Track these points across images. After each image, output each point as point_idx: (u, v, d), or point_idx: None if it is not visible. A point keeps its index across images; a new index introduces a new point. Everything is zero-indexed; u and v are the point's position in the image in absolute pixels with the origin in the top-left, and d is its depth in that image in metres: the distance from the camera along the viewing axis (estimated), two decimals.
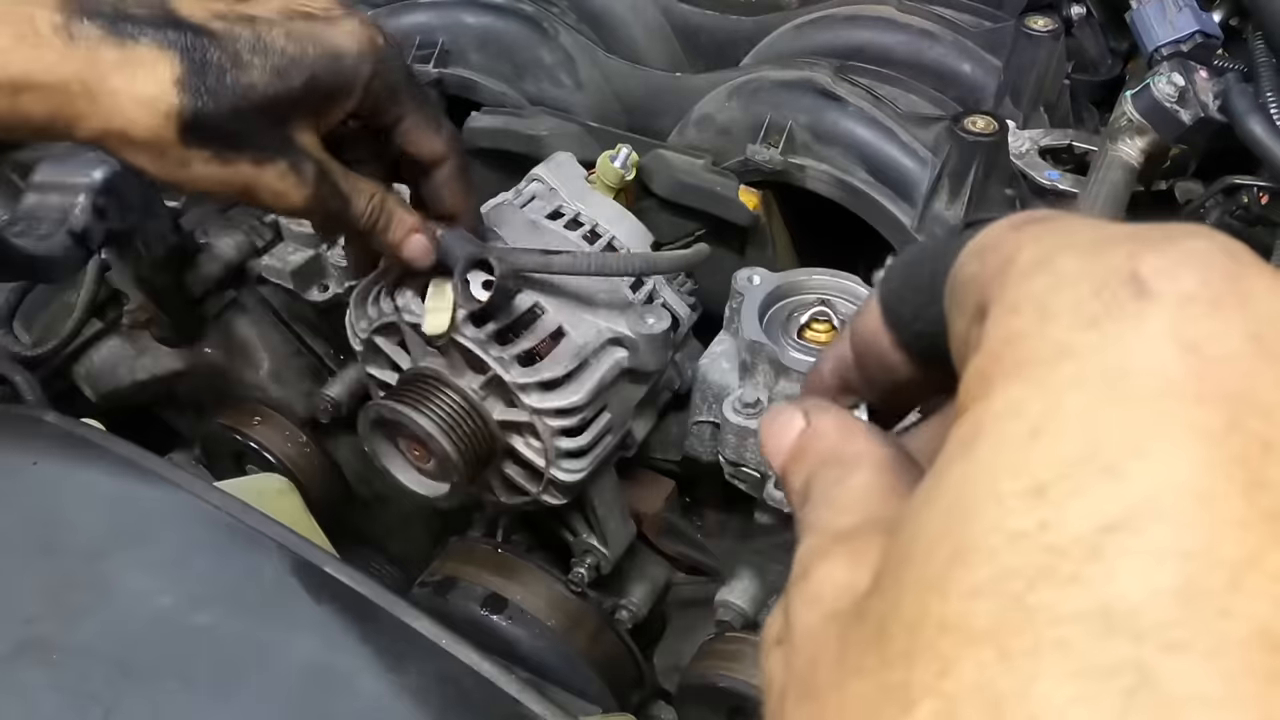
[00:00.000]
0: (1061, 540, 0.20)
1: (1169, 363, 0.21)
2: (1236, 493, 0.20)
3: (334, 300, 0.97)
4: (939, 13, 0.95)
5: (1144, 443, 0.20)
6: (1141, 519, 0.20)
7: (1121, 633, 0.19)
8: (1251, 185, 0.89)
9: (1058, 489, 0.20)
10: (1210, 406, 0.20)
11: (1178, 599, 0.19)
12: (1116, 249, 0.22)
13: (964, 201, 0.79)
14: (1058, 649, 0.19)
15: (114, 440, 0.70)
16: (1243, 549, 0.19)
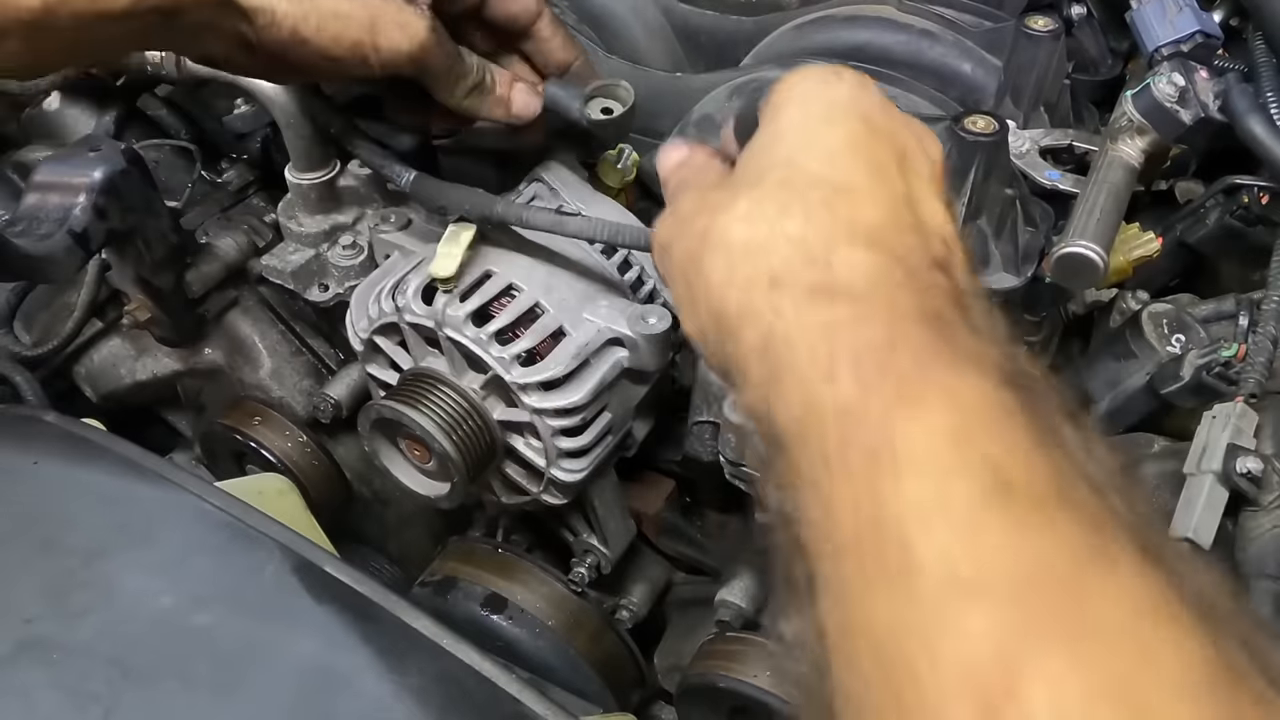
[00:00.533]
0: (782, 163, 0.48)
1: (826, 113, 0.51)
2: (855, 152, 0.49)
3: (334, 300, 0.97)
4: (939, 13, 0.95)
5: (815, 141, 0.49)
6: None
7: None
8: (1252, 185, 0.89)
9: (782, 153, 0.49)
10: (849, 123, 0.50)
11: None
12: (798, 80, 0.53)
13: (964, 201, 0.79)
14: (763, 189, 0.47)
15: (114, 440, 0.70)
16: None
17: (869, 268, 0.41)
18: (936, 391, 0.36)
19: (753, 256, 0.44)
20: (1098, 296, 1.00)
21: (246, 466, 1.06)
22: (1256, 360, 0.75)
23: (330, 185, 0.95)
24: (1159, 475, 0.76)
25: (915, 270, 0.42)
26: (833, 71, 0.52)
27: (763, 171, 0.47)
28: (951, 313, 0.41)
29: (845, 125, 0.49)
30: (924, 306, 0.40)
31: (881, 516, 0.34)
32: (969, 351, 0.38)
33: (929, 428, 0.35)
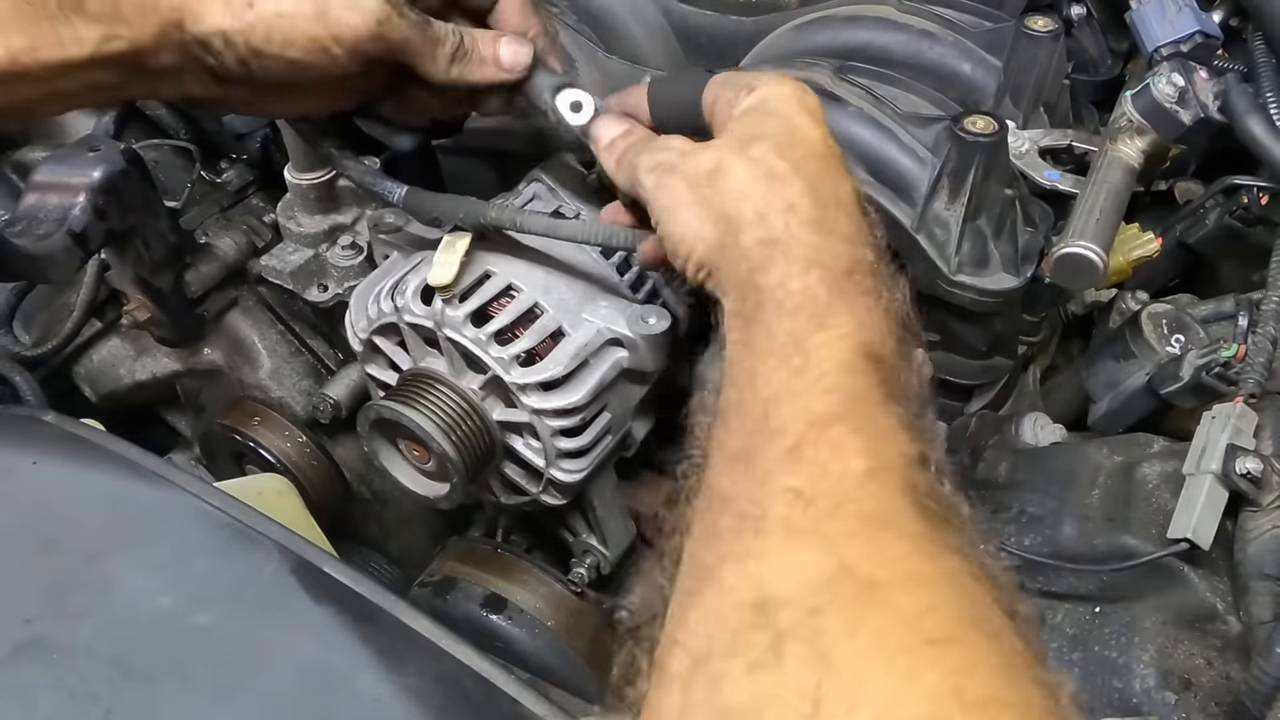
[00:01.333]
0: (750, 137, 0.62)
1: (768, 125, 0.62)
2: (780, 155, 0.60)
3: (334, 300, 0.97)
4: (939, 13, 0.95)
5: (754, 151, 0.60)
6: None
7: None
8: (1251, 185, 0.90)
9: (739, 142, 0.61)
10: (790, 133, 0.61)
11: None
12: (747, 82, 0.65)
13: (964, 201, 0.79)
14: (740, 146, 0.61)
15: (114, 440, 0.70)
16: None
17: (848, 230, 0.58)
18: (848, 316, 0.52)
19: (773, 184, 0.58)
20: (1097, 297, 1.00)
21: (246, 467, 1.06)
22: (1256, 360, 0.75)
23: (329, 185, 0.95)
24: (1158, 476, 0.76)
25: (870, 246, 0.58)
26: (801, 84, 0.65)
27: (765, 132, 0.61)
28: (879, 285, 0.57)
29: (820, 128, 0.62)
30: (867, 269, 0.56)
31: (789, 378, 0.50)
32: (877, 308, 0.54)
33: (831, 338, 0.51)
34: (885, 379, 0.50)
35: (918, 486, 0.45)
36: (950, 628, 0.38)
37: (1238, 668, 0.67)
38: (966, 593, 0.41)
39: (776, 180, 0.58)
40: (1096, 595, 0.73)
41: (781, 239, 0.56)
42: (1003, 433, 0.85)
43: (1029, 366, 0.99)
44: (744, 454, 0.47)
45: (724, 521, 0.44)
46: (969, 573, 0.42)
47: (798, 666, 0.37)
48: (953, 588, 0.40)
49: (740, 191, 0.58)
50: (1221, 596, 0.70)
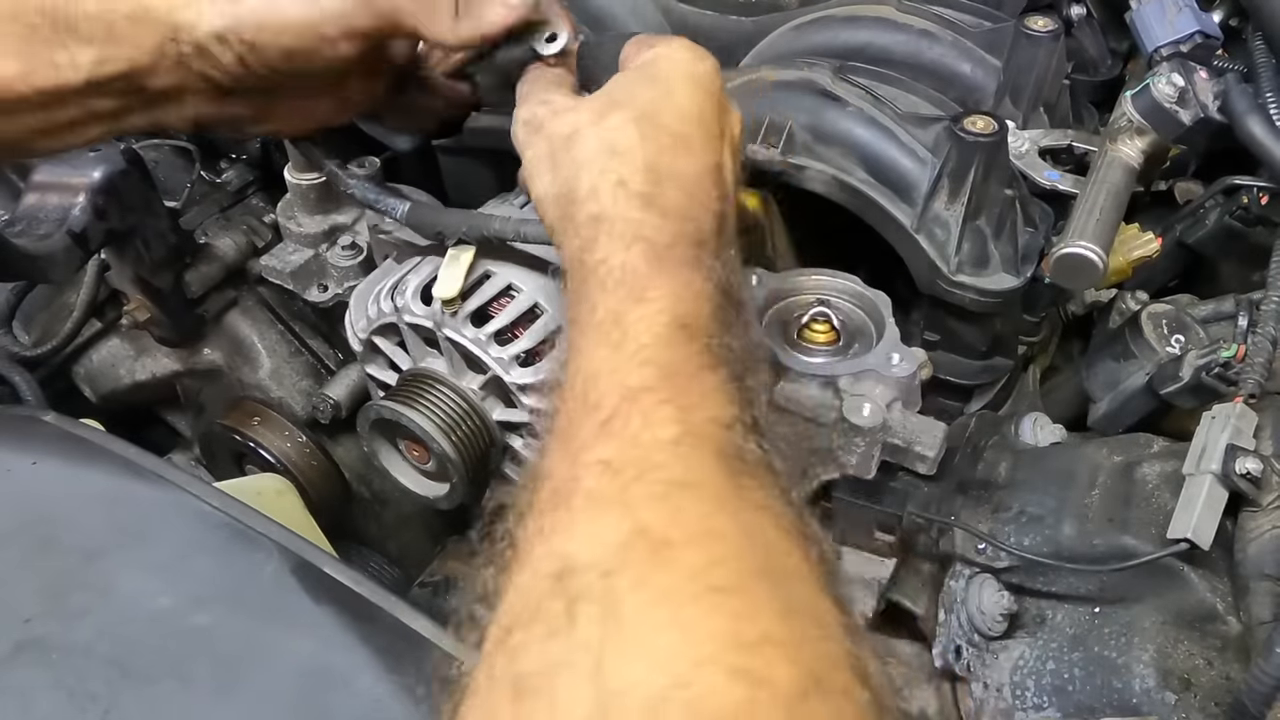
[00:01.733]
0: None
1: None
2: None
3: (334, 300, 0.97)
4: (939, 13, 0.95)
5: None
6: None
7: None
8: (1251, 185, 0.89)
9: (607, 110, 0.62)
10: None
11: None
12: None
13: (963, 202, 0.79)
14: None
15: (113, 440, 0.70)
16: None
17: (678, 205, 0.59)
18: (666, 289, 0.54)
19: (613, 158, 0.59)
20: (1097, 297, 1.00)
21: (245, 467, 1.06)
22: (1256, 361, 0.75)
23: (329, 186, 0.95)
24: (1158, 476, 0.76)
25: (702, 219, 0.59)
26: (701, 51, 0.66)
27: (633, 99, 0.62)
28: (703, 256, 0.58)
29: (700, 96, 0.63)
30: (691, 241, 0.58)
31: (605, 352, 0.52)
32: (696, 278, 0.56)
33: (649, 312, 0.52)
34: (703, 347, 0.51)
35: (726, 449, 0.46)
36: (735, 578, 0.40)
37: (1237, 668, 0.67)
38: (761, 544, 0.42)
39: (617, 154, 0.59)
40: (1096, 595, 0.72)
41: (608, 215, 0.57)
42: (1002, 433, 0.85)
43: (1029, 366, 0.99)
44: (563, 431, 0.49)
45: (541, 498, 0.46)
46: (771, 524, 0.44)
47: (587, 626, 0.38)
48: (746, 540, 0.42)
49: (583, 162, 0.60)
50: (1221, 597, 0.70)
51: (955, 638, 0.74)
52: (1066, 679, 0.70)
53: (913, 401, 0.74)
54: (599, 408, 0.47)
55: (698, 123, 0.62)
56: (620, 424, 0.46)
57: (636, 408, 0.47)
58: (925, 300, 0.85)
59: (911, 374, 0.73)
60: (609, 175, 0.59)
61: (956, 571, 0.75)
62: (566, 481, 0.45)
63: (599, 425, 0.47)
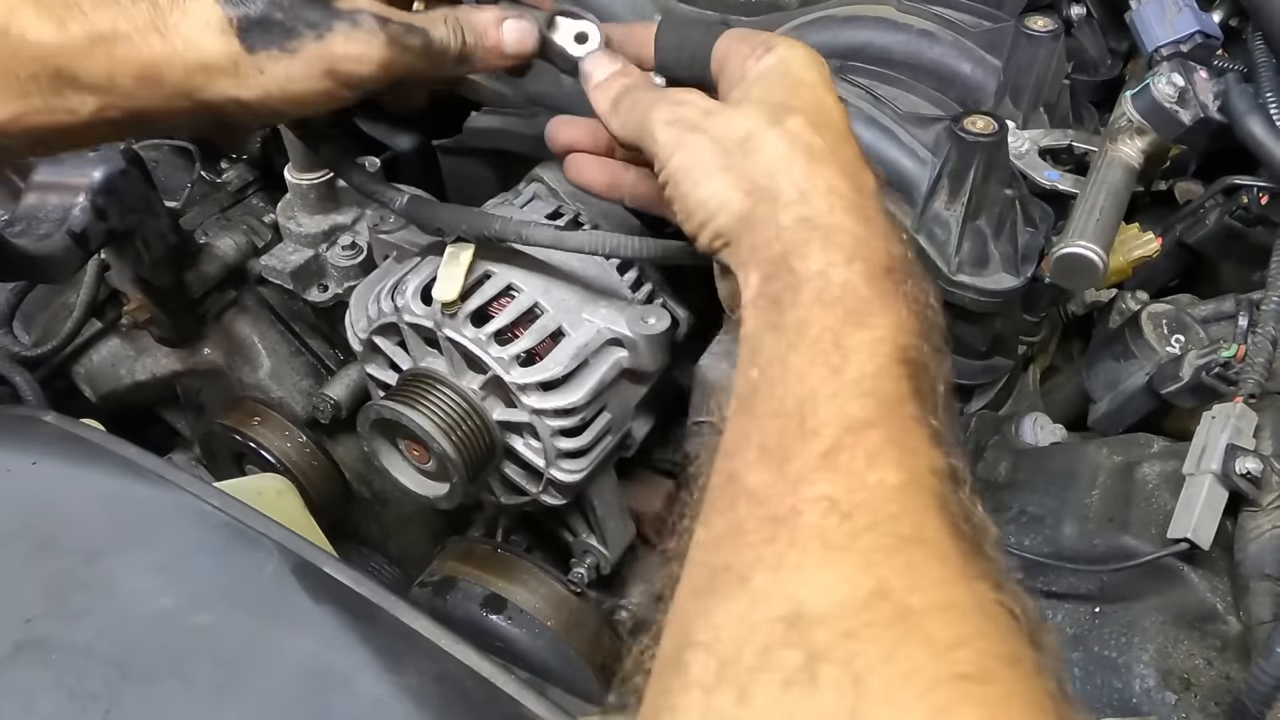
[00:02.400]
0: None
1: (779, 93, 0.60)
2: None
3: (334, 300, 0.97)
4: (938, 13, 0.95)
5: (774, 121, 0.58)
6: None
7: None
8: (1251, 185, 0.90)
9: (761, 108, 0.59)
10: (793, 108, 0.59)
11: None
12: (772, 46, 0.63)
13: (963, 202, 0.79)
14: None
15: (114, 440, 0.70)
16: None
17: (883, 221, 0.56)
18: (888, 317, 0.51)
19: (813, 162, 0.56)
20: (1097, 297, 1.00)
21: (246, 467, 1.06)
22: (1256, 360, 0.75)
23: (329, 186, 0.95)
24: (1158, 475, 0.76)
25: (897, 243, 0.56)
26: (813, 52, 0.63)
27: (794, 107, 0.59)
28: (912, 282, 0.55)
29: (840, 108, 0.61)
30: (899, 266, 0.55)
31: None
32: (912, 311, 0.53)
33: (870, 339, 0.49)
34: (919, 388, 0.49)
35: (950, 505, 0.44)
36: (984, 662, 0.38)
37: (1237, 668, 0.67)
38: (998, 624, 0.40)
39: (816, 159, 0.56)
40: (1096, 595, 0.73)
41: (823, 222, 0.54)
42: (1003, 433, 0.85)
43: (1029, 366, 0.99)
44: (775, 451, 0.46)
45: (752, 522, 0.43)
46: (999, 601, 0.41)
47: (832, 690, 0.37)
48: (986, 618, 0.40)
49: (778, 164, 0.56)
50: (1221, 596, 0.70)
51: None
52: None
53: None
54: (818, 435, 0.45)
55: (851, 135, 0.61)
56: (846, 459, 0.44)
57: (861, 443, 0.44)
58: None
59: None
60: (817, 181, 0.55)
61: None
62: (787, 512, 0.43)
63: (820, 455, 0.44)
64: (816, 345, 0.49)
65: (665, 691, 0.41)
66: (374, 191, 0.78)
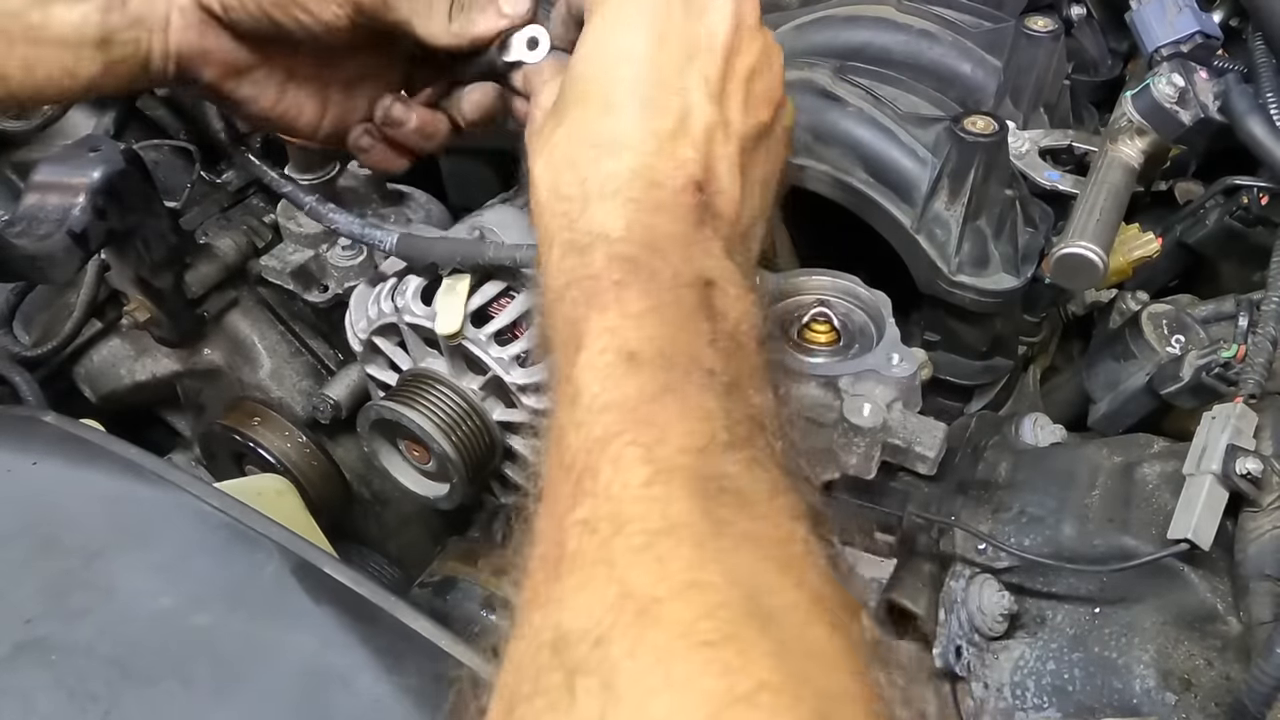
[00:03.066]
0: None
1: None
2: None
3: (334, 300, 0.97)
4: (939, 13, 0.95)
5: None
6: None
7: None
8: (1251, 186, 0.89)
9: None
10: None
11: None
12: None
13: (964, 202, 0.79)
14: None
15: (114, 441, 0.70)
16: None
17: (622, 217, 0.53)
18: (602, 333, 0.49)
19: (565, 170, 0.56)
20: (1097, 297, 1.00)
21: (245, 467, 1.06)
22: (1256, 361, 0.75)
23: (329, 185, 0.95)
24: (1158, 476, 0.76)
25: (664, 192, 0.55)
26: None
27: (569, 101, 0.58)
28: (692, 232, 0.55)
29: (638, 49, 0.58)
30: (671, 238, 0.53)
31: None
32: (628, 297, 0.51)
33: (588, 358, 0.48)
34: (654, 373, 0.48)
35: (702, 479, 0.44)
36: (726, 627, 0.38)
37: (1238, 668, 0.67)
38: (747, 584, 0.40)
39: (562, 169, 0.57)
40: (1096, 596, 0.72)
41: (544, 230, 0.56)
42: (1002, 433, 0.85)
43: (1029, 367, 0.99)
44: (548, 495, 0.47)
45: (532, 564, 0.45)
46: (756, 558, 0.42)
47: (586, 699, 0.37)
48: (732, 584, 0.40)
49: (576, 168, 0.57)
50: (1222, 597, 0.70)
51: (955, 638, 0.74)
52: (1067, 679, 0.70)
53: (913, 402, 0.74)
54: (571, 467, 0.46)
55: (630, 93, 0.57)
56: (590, 480, 0.44)
57: (605, 457, 0.45)
58: (925, 301, 0.85)
59: (912, 374, 0.73)
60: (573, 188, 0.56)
61: (956, 572, 0.75)
62: (553, 547, 0.44)
63: (574, 485, 0.45)
64: (557, 388, 0.50)
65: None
66: (360, 235, 0.78)
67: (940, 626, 0.74)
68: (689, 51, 0.58)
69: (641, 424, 0.45)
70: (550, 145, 0.57)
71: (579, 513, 0.44)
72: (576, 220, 0.54)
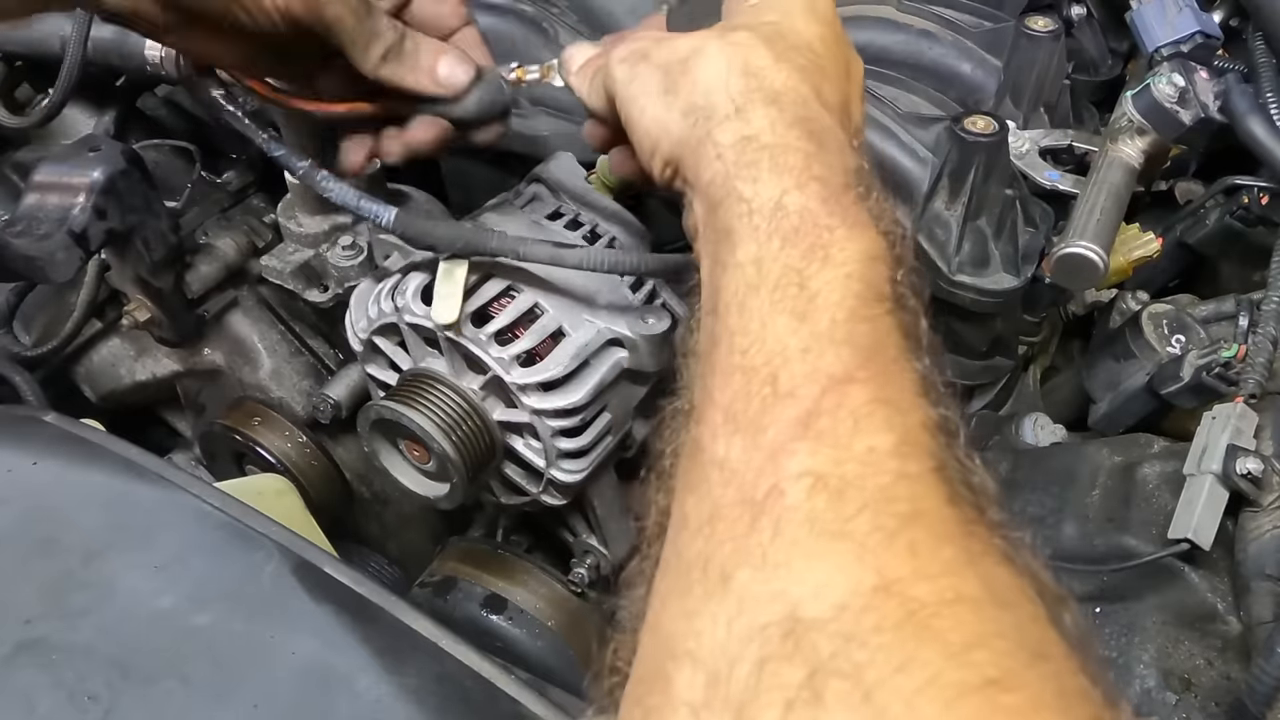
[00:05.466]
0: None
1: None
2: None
3: (334, 300, 0.97)
4: (939, 13, 0.95)
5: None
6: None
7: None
8: (1252, 185, 0.89)
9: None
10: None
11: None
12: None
13: (964, 202, 0.79)
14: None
15: (114, 440, 0.70)
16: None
17: (837, 139, 0.52)
18: (855, 246, 0.46)
19: (750, 76, 0.53)
20: (1098, 297, 1.00)
21: (246, 467, 1.06)
22: (1256, 361, 0.75)
23: None
24: (1159, 475, 0.76)
25: (857, 159, 0.52)
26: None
27: (750, 25, 0.56)
28: (876, 200, 0.51)
29: (822, 26, 0.58)
30: (858, 184, 0.50)
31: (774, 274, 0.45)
32: (880, 233, 0.48)
33: (839, 276, 0.44)
34: (900, 323, 0.43)
35: (947, 468, 0.39)
36: (1006, 662, 0.33)
37: (1238, 668, 0.67)
38: (1015, 613, 0.35)
39: (754, 71, 0.53)
40: (1097, 595, 0.73)
41: (765, 140, 0.50)
42: (1003, 433, 0.85)
43: (1029, 367, 0.99)
44: (745, 417, 0.40)
45: (728, 504, 0.38)
46: (1012, 582, 0.36)
47: (841, 709, 0.32)
48: (1000, 608, 0.35)
49: (714, 80, 0.53)
50: (1222, 596, 0.70)
51: None
52: None
53: None
54: (793, 396, 0.40)
55: (826, 50, 0.56)
56: (827, 423, 0.39)
57: (844, 404, 0.39)
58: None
59: None
60: (755, 94, 0.51)
61: None
62: (767, 492, 0.38)
63: (798, 422, 0.39)
64: (779, 288, 0.44)
65: (648, 707, 0.37)
66: (357, 208, 0.75)
67: None
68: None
69: (884, 381, 0.40)
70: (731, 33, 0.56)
71: (808, 461, 0.38)
72: (818, 119, 0.52)
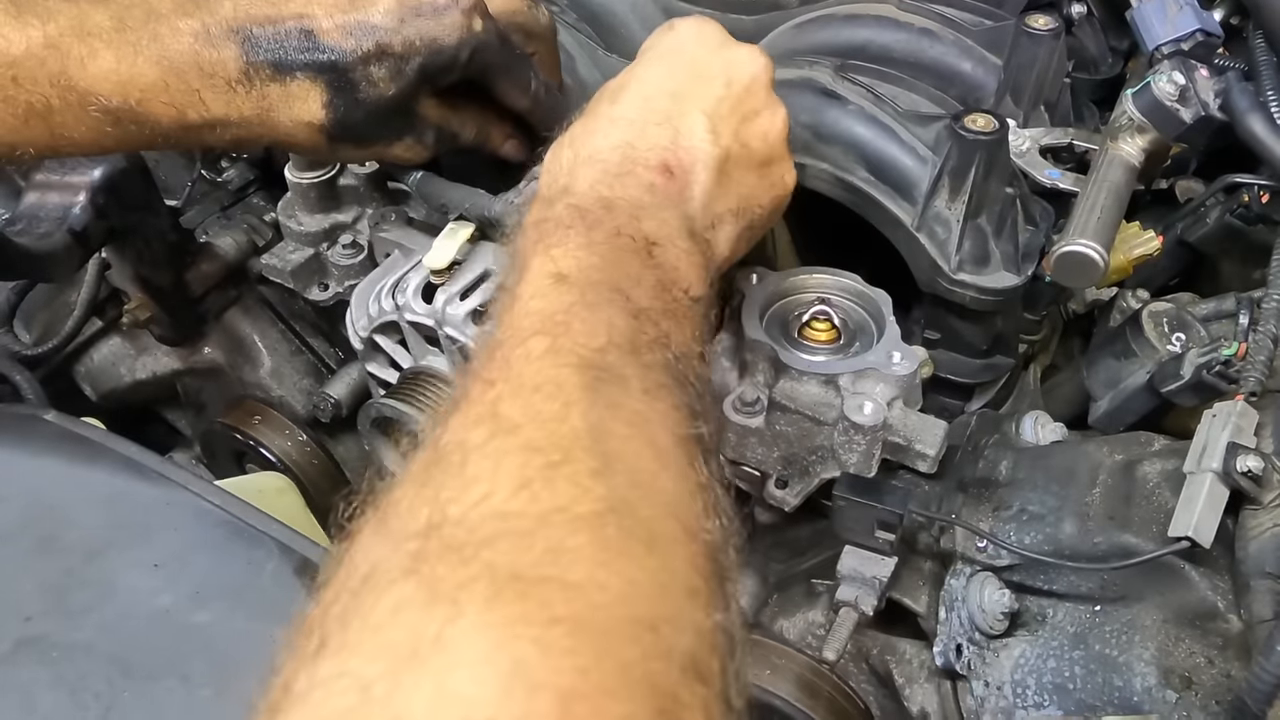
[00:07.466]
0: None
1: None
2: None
3: (334, 299, 0.97)
4: (939, 11, 0.95)
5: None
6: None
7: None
8: (1252, 184, 0.89)
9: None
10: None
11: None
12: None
13: (964, 200, 0.79)
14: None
15: (114, 439, 0.70)
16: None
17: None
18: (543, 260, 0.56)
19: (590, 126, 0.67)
20: (1098, 295, 1.00)
21: (246, 465, 1.06)
22: (1257, 358, 0.75)
23: (330, 184, 0.95)
24: (1159, 474, 0.76)
25: (634, 165, 0.63)
26: (670, 24, 0.72)
27: (591, 103, 0.69)
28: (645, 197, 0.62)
29: (658, 72, 0.69)
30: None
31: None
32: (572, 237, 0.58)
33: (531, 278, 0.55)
34: (578, 290, 0.53)
35: (593, 364, 0.49)
36: (564, 444, 0.44)
37: (1239, 666, 0.67)
38: (601, 430, 0.45)
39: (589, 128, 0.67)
40: (1097, 594, 0.72)
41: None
42: (1003, 431, 0.85)
43: (1029, 365, 0.99)
44: (471, 376, 0.52)
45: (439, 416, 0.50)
46: (620, 419, 0.46)
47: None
48: (590, 430, 0.45)
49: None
50: (1222, 595, 0.70)
51: (956, 636, 0.74)
52: (1067, 677, 0.70)
53: (914, 400, 0.74)
54: (492, 352, 0.51)
55: (636, 96, 0.67)
56: (501, 354, 0.50)
57: (518, 345, 0.50)
58: (926, 298, 0.85)
59: (912, 372, 0.73)
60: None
61: (957, 570, 0.75)
62: (458, 399, 0.49)
63: (487, 359, 0.50)
64: (501, 303, 0.56)
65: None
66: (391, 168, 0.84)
67: (941, 624, 0.75)
68: (703, 79, 0.68)
69: (553, 323, 0.51)
70: (566, 133, 0.67)
71: (484, 374, 0.49)
72: (555, 181, 0.63)
